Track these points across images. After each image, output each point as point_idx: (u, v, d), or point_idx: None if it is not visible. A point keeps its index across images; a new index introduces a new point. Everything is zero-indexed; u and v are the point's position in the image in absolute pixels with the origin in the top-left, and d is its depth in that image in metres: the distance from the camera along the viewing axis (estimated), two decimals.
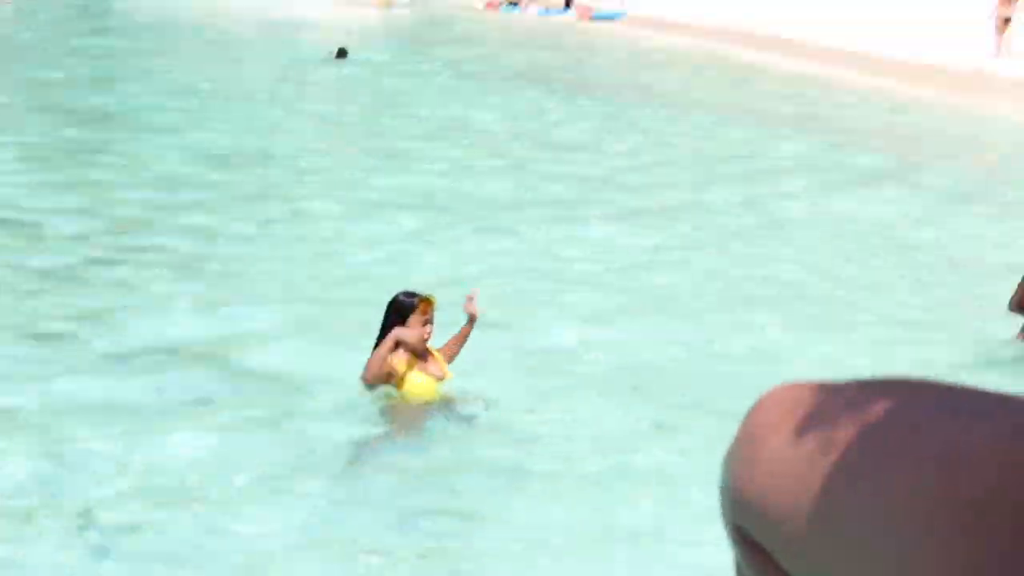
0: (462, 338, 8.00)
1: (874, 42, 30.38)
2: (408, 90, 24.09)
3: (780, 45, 31.91)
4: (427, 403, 7.74)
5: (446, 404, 7.79)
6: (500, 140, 18.90)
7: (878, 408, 0.61)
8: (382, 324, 7.68)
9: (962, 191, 16.34)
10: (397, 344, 7.58)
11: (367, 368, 7.57)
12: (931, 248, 13.03)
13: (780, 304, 10.51)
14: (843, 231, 13.69)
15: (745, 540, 0.66)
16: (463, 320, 7.94)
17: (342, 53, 27.87)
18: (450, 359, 7.98)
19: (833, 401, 0.64)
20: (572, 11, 42.34)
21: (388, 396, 7.70)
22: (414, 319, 7.60)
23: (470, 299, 7.95)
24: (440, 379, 7.79)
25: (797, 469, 0.62)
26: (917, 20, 32.54)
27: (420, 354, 7.73)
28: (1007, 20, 28.54)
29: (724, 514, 0.68)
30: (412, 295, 7.69)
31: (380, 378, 7.63)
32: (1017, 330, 9.27)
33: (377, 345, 7.65)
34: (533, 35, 36.81)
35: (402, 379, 7.66)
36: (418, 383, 7.70)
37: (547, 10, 43.08)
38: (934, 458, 0.58)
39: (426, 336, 7.67)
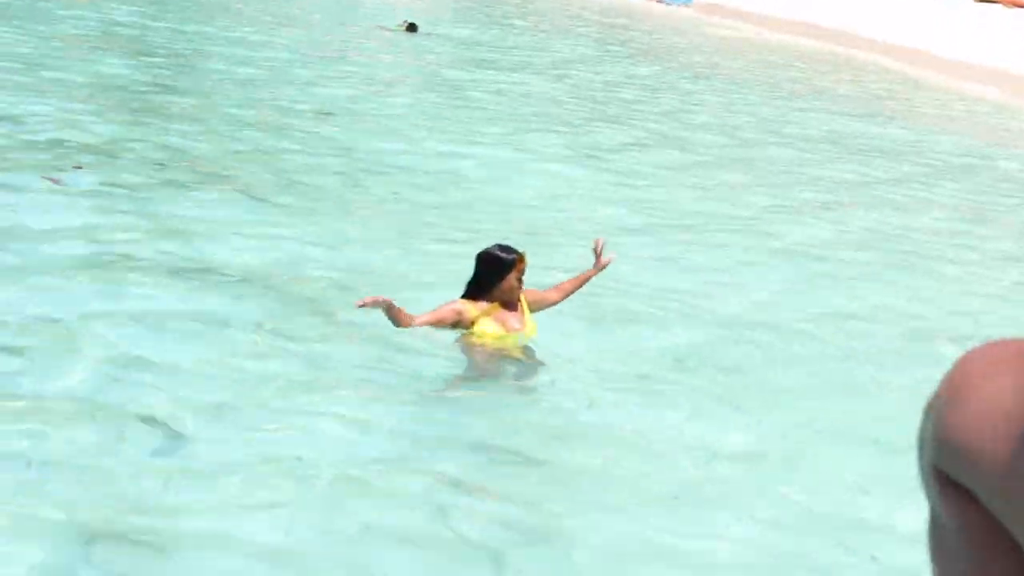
0: (582, 281, 7.79)
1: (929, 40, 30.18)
2: (493, 59, 23.71)
3: (855, 42, 31.49)
4: (496, 352, 7.48)
5: (516, 358, 7.52)
6: (608, 106, 18.60)
7: None
8: (474, 274, 7.41)
9: None
10: (454, 324, 7.32)
11: (415, 318, 7.11)
12: None
13: (916, 272, 10.69)
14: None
15: (946, 483, 0.65)
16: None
17: (412, 27, 26.75)
18: (563, 296, 7.78)
19: None
20: None
21: (457, 339, 7.45)
22: (512, 276, 7.31)
23: (599, 244, 7.75)
24: (517, 332, 7.51)
25: (1014, 414, 0.61)
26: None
27: (507, 305, 7.44)
28: None
29: (924, 459, 0.67)
30: (510, 251, 7.37)
31: (430, 325, 7.30)
32: None
33: (468, 293, 7.37)
34: (604, 13, 36.40)
35: (474, 322, 7.41)
36: (488, 331, 7.45)
37: None
38: None
39: (517, 291, 7.40)
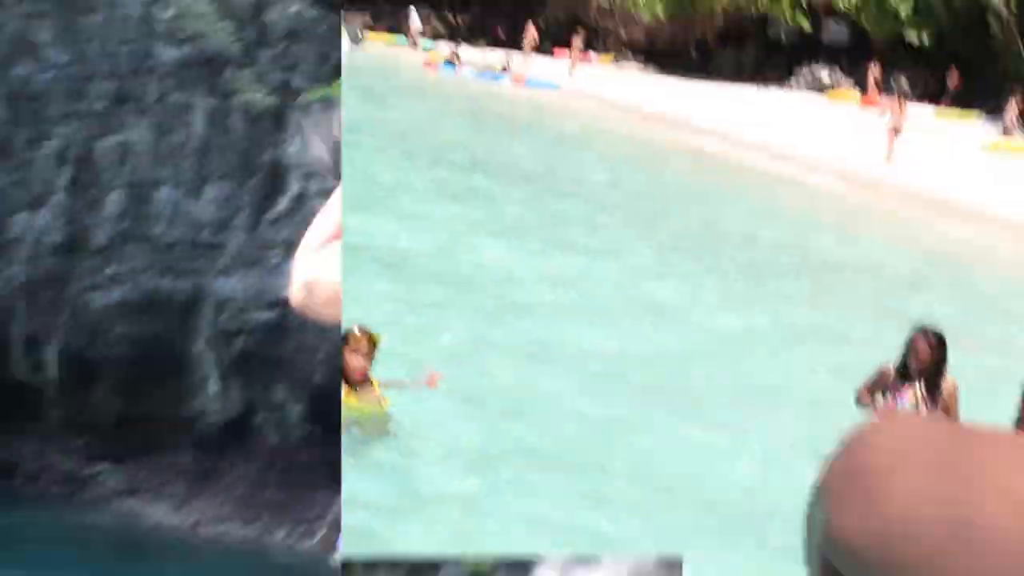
0: (399, 383, 8.32)
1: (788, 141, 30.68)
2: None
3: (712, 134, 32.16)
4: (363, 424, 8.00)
5: (379, 431, 8.07)
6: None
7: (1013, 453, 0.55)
8: None
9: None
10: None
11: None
12: None
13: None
14: None
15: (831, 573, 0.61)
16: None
17: None
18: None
19: (967, 441, 0.59)
20: (507, 76, 42.54)
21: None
22: (345, 350, 7.88)
23: (432, 377, 8.32)
24: (374, 405, 8.02)
25: (940, 512, 0.57)
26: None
27: (354, 385, 7.93)
28: (896, 130, 29.44)
29: (811, 542, 0.63)
30: (351, 330, 7.89)
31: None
32: None
33: None
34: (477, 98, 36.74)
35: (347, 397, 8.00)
36: (353, 405, 7.97)
37: (482, 73, 43.20)
38: None
39: (357, 369, 7.88)
